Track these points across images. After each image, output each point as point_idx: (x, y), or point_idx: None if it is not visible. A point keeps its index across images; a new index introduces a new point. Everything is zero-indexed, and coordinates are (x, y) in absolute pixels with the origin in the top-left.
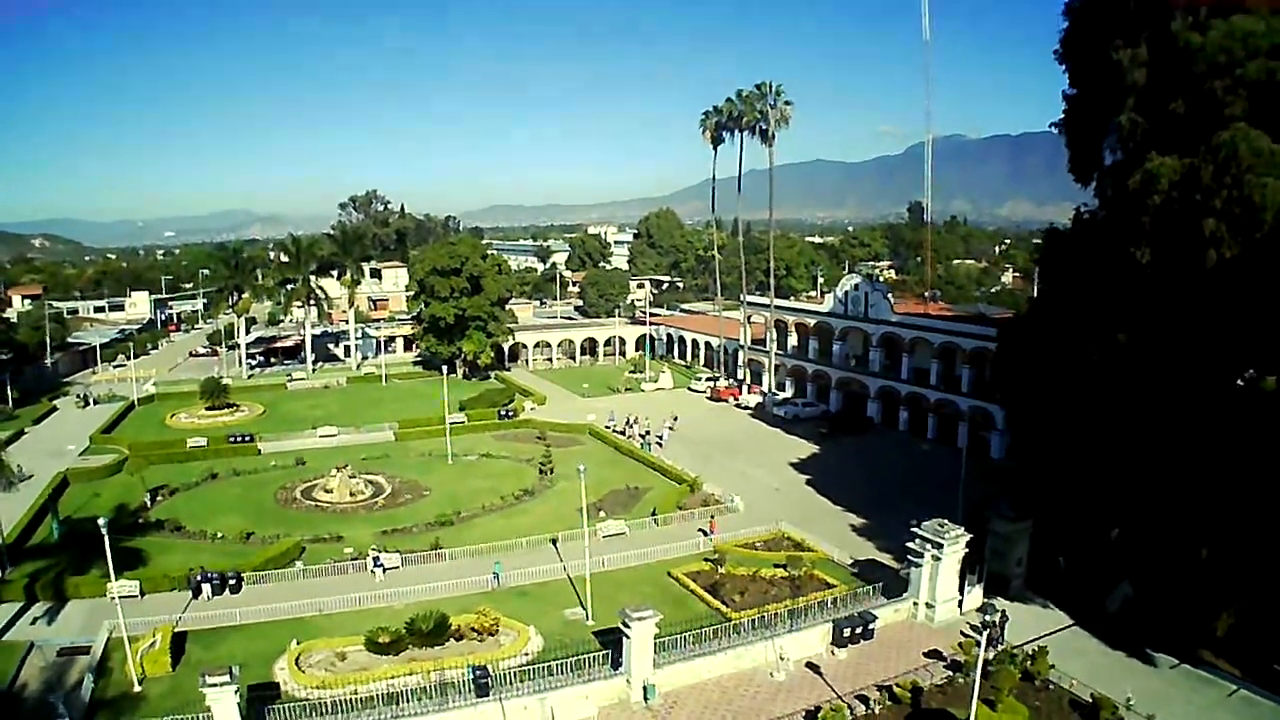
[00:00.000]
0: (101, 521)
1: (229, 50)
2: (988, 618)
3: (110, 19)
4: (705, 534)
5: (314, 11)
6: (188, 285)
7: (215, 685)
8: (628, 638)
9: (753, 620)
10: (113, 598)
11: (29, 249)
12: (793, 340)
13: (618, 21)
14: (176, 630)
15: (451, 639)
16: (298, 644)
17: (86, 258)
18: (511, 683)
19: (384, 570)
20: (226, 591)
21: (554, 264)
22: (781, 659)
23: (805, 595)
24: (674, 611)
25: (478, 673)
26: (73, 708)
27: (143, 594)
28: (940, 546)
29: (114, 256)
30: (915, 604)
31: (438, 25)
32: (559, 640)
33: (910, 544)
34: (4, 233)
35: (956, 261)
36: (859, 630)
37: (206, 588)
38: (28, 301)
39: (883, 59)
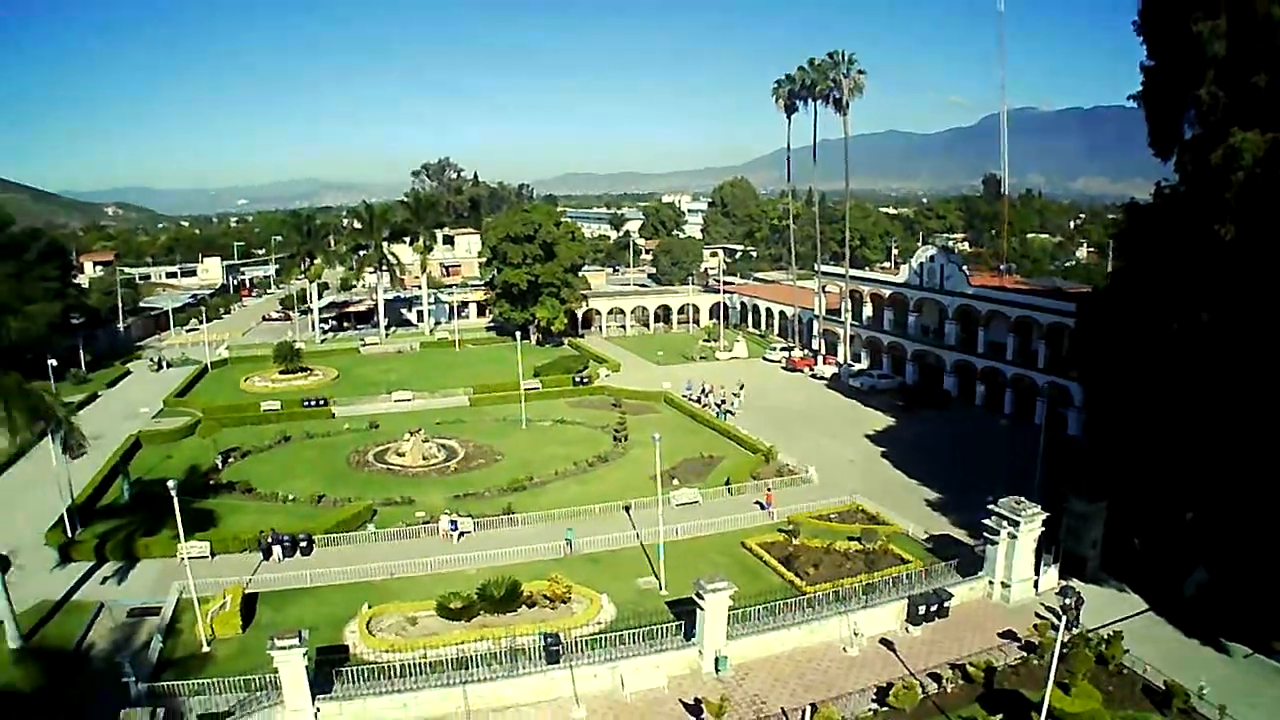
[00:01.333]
0: (171, 483)
1: (300, 18)
2: (1067, 601)
3: None
4: (762, 507)
5: None
6: (260, 251)
7: (284, 648)
8: (702, 609)
9: (827, 594)
10: (182, 559)
11: (102, 217)
12: (867, 311)
13: None
14: (247, 592)
15: (523, 606)
16: (369, 608)
17: (159, 225)
18: (582, 650)
19: (460, 535)
20: (297, 554)
21: (627, 231)
22: (855, 634)
23: (880, 570)
24: (747, 583)
25: (549, 640)
26: (140, 668)
27: (213, 555)
28: (1017, 525)
29: (186, 224)
30: (990, 582)
31: None
32: (632, 609)
33: (986, 521)
34: (77, 202)
35: (1031, 235)
36: (934, 608)
37: (277, 549)
38: (100, 268)
39: (951, 28)
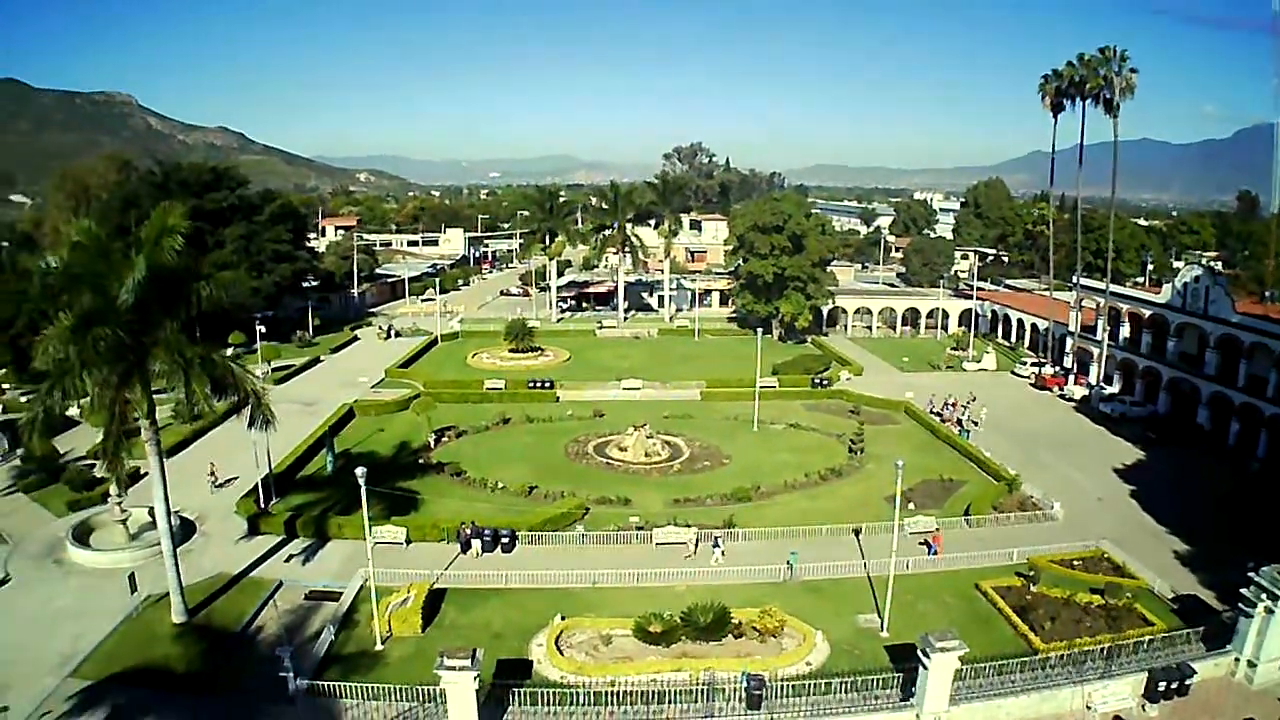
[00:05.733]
0: (360, 472)
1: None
2: None
3: None
4: (929, 549)
5: None
6: (505, 225)
7: (453, 668)
8: (925, 668)
9: (1061, 655)
10: (371, 545)
11: (353, 183)
12: (1123, 330)
13: None
14: (435, 587)
15: (730, 635)
16: (561, 619)
17: (409, 193)
18: (787, 695)
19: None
20: (497, 549)
21: (878, 227)
22: (1088, 708)
23: (1121, 631)
24: (976, 632)
25: (752, 682)
26: (304, 660)
27: (408, 542)
28: (1277, 599)
29: (436, 194)
30: (1237, 659)
31: None
32: (847, 650)
33: (1244, 591)
34: (330, 167)
35: None
36: (1174, 684)
37: (476, 543)
38: (341, 232)
39: (1202, 32)
